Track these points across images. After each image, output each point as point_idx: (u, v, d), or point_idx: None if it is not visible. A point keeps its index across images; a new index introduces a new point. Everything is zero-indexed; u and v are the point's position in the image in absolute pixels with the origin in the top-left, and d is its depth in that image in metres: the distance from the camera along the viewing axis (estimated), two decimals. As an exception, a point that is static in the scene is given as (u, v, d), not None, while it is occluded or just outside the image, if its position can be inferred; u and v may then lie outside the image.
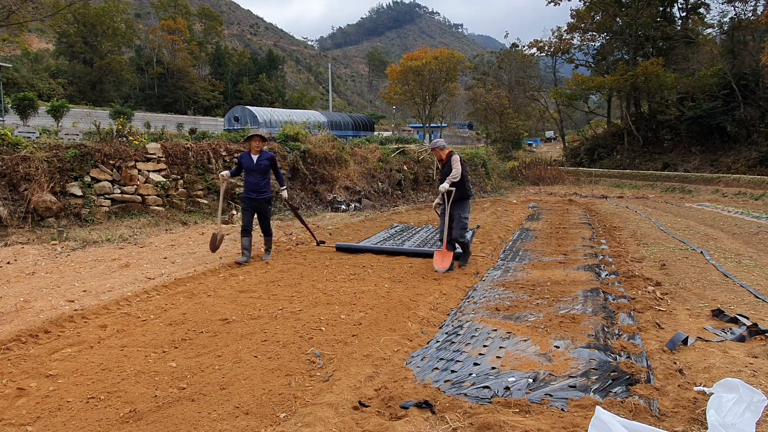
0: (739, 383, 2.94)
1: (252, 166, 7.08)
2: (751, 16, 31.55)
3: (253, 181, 7.08)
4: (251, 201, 7.13)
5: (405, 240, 9.16)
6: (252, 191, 7.11)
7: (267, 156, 7.19)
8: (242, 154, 7.22)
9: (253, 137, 7.12)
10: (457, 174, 6.47)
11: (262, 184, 7.12)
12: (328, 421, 2.80)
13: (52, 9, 36.24)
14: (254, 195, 7.11)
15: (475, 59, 71.73)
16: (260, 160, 7.10)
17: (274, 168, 7.29)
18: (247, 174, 7.13)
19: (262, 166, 7.11)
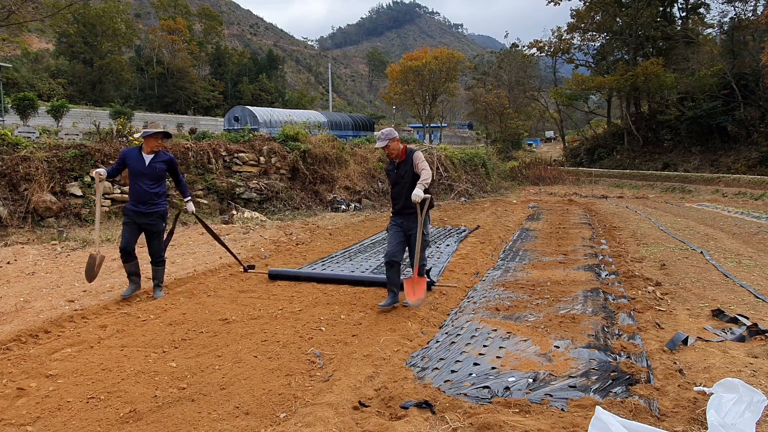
0: (739, 383, 2.94)
1: (141, 168, 5.26)
2: (751, 16, 31.58)
3: (141, 189, 5.25)
4: (137, 215, 5.28)
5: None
6: (139, 202, 5.27)
7: (164, 157, 5.40)
8: (127, 151, 5.43)
9: (154, 135, 5.33)
10: (429, 176, 4.87)
11: (153, 193, 5.29)
12: (328, 421, 2.80)
13: (52, 9, 36.23)
14: (142, 208, 5.26)
15: (475, 59, 71.71)
16: (154, 162, 5.30)
17: (174, 173, 5.54)
18: (135, 179, 5.28)
19: (156, 170, 5.30)
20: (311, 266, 6.97)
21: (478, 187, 19.99)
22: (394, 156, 5.02)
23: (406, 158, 4.99)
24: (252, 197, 12.58)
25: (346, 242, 8.99)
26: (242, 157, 13.09)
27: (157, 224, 5.39)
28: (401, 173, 5.00)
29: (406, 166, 4.98)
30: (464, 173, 19.93)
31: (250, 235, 9.43)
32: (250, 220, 11.09)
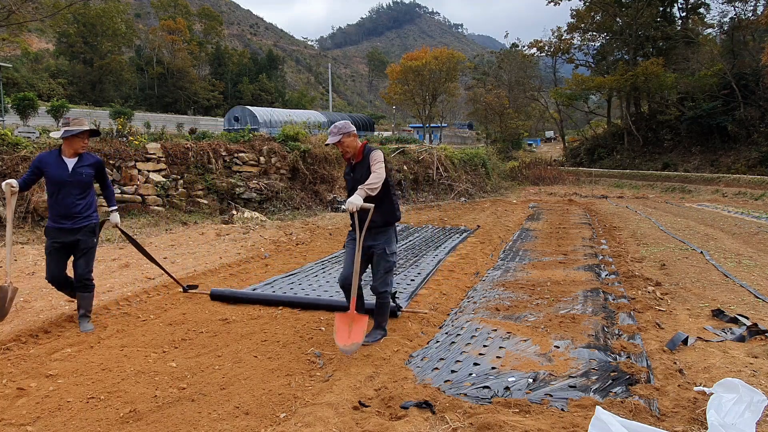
0: (739, 383, 2.94)
1: (64, 176, 4.29)
2: (751, 16, 31.58)
3: (65, 201, 4.29)
4: (62, 233, 4.32)
5: (405, 240, 9.16)
6: (63, 217, 4.31)
7: (91, 160, 4.49)
8: (43, 156, 4.44)
9: (79, 134, 4.36)
10: (377, 180, 3.84)
11: (81, 205, 4.36)
12: (328, 421, 2.80)
13: (52, 9, 36.23)
14: (68, 224, 4.31)
15: (475, 59, 71.73)
16: (80, 167, 4.36)
17: (102, 179, 4.68)
18: (56, 189, 4.29)
19: (82, 177, 4.36)
20: (312, 265, 6.97)
21: (478, 187, 19.99)
22: (350, 155, 4.09)
23: (363, 159, 4.04)
24: (252, 197, 12.58)
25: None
26: (242, 157, 13.09)
27: (86, 240, 4.39)
28: (357, 177, 4.02)
29: (362, 169, 4.01)
30: (464, 173, 19.93)
31: (250, 235, 9.43)
32: (250, 220, 11.09)
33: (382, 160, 3.96)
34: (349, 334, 3.62)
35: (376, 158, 3.96)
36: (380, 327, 4.17)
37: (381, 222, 4.03)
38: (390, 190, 4.09)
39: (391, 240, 4.12)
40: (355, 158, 4.11)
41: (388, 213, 4.06)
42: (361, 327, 3.66)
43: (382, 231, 4.07)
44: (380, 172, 3.87)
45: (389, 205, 4.07)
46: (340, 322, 3.69)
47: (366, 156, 4.04)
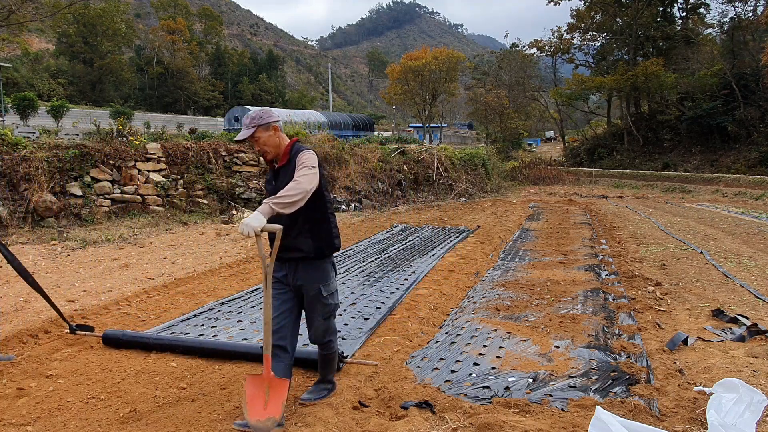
0: (739, 383, 2.94)
1: None
2: (751, 16, 31.58)
3: None
4: None
5: (405, 240, 9.16)
6: None
7: None
8: None
9: None
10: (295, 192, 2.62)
11: None
12: (328, 421, 2.80)
13: (52, 9, 36.24)
14: None
15: (475, 59, 71.74)
16: None
17: None
18: None
19: None
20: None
21: (478, 187, 19.99)
22: (271, 156, 2.92)
23: (289, 162, 2.88)
24: (252, 197, 12.58)
25: (346, 242, 8.99)
26: (242, 157, 13.10)
27: None
28: (279, 186, 2.81)
29: (287, 176, 2.83)
30: (464, 173, 19.93)
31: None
32: (250, 220, 11.08)
33: (313, 164, 2.77)
34: (263, 404, 2.66)
35: (304, 161, 2.76)
36: (326, 380, 3.19)
37: (313, 252, 2.88)
38: (327, 208, 2.94)
39: (329, 276, 3.00)
40: (278, 161, 2.94)
41: (323, 239, 2.90)
42: (281, 395, 2.65)
43: (314, 265, 2.91)
44: (304, 180, 2.64)
45: (326, 229, 2.92)
46: (253, 387, 2.69)
47: (293, 157, 2.87)
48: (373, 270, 6.77)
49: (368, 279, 6.26)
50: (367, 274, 6.55)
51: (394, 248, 8.34)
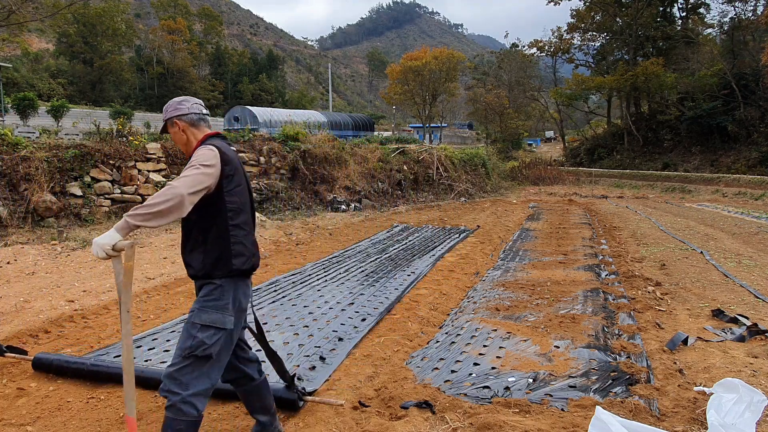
0: (739, 383, 2.94)
1: None
2: (751, 16, 31.56)
3: None
4: None
5: (405, 240, 9.16)
6: None
7: None
8: None
9: None
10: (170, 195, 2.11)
11: None
12: (328, 421, 2.80)
13: (52, 9, 36.23)
14: None
15: (475, 59, 71.70)
16: None
17: None
18: None
19: None
20: (313, 265, 6.96)
21: (478, 187, 19.99)
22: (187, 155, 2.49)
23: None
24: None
25: (346, 242, 8.99)
26: (242, 157, 13.09)
27: None
28: None
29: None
30: (464, 173, 19.93)
31: (250, 235, 9.43)
32: (250, 220, 11.09)
33: (204, 162, 2.27)
34: None
35: (194, 159, 2.30)
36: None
37: (201, 270, 2.37)
38: (227, 218, 2.35)
39: (210, 303, 2.33)
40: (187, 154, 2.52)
41: (215, 257, 2.35)
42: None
43: (204, 287, 2.40)
44: (181, 183, 2.16)
45: (221, 245, 2.35)
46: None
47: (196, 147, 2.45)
48: (372, 270, 6.77)
49: (368, 279, 6.26)
50: (366, 274, 6.55)
51: (394, 248, 8.34)
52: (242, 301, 2.44)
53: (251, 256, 2.44)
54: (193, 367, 2.25)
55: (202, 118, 2.49)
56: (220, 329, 2.31)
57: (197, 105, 2.50)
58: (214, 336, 2.29)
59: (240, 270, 2.39)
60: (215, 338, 2.29)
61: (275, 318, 4.72)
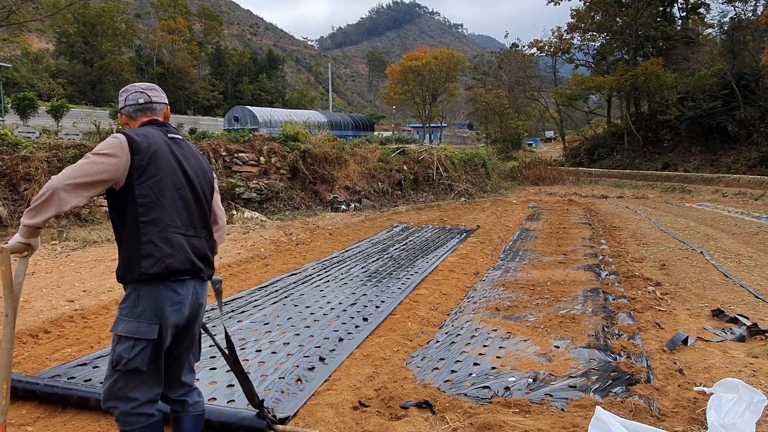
0: (739, 383, 2.94)
1: None
2: (751, 16, 31.57)
3: None
4: None
5: (405, 240, 9.16)
6: None
7: None
8: None
9: None
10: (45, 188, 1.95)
11: None
12: (328, 421, 2.80)
13: (52, 9, 36.24)
14: None
15: (475, 59, 71.69)
16: None
17: None
18: None
19: None
20: (312, 265, 6.96)
21: (478, 187, 19.99)
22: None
23: None
24: (252, 197, 12.58)
25: (346, 242, 9.00)
26: (242, 157, 13.10)
27: None
28: None
29: None
30: (464, 173, 19.94)
31: (250, 235, 9.44)
32: (250, 220, 11.09)
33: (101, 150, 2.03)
34: None
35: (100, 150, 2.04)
36: None
37: (118, 274, 2.17)
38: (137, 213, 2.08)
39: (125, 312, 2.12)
40: None
41: (126, 257, 2.12)
42: None
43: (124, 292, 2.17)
44: (61, 174, 1.98)
45: (132, 244, 2.11)
46: None
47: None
48: (373, 270, 6.77)
49: (368, 279, 6.26)
50: (367, 274, 6.55)
51: (394, 248, 8.34)
52: (167, 309, 2.09)
53: (165, 257, 2.08)
54: (125, 381, 2.10)
55: (140, 108, 2.28)
56: (142, 340, 2.06)
57: (136, 94, 2.30)
58: (134, 348, 2.06)
59: (148, 274, 2.06)
60: (136, 350, 2.05)
61: (278, 318, 4.72)
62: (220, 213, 2.46)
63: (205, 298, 2.34)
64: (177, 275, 2.12)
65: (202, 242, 2.27)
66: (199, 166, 2.31)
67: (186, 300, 2.17)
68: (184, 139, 2.34)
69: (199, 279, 2.25)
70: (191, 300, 2.21)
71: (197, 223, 2.25)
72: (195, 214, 2.24)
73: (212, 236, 2.37)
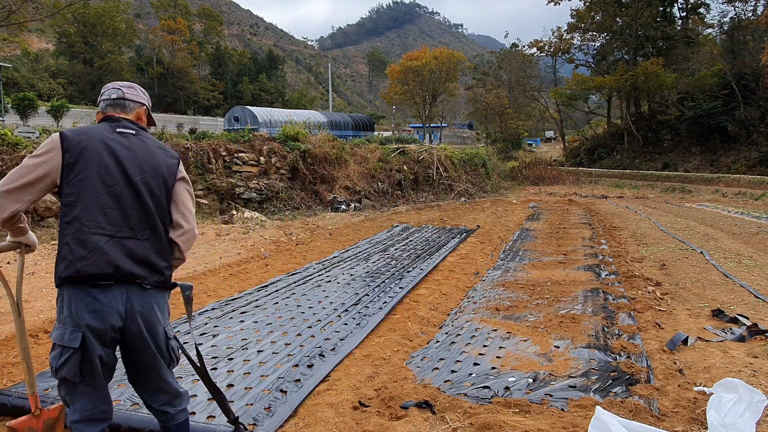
0: (739, 383, 2.94)
1: None
2: (751, 16, 31.59)
3: None
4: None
5: (405, 240, 9.16)
6: None
7: None
8: None
9: None
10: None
11: None
12: (328, 421, 2.80)
13: (52, 9, 36.24)
14: None
15: (475, 59, 71.72)
16: None
17: None
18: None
19: None
20: (313, 265, 6.96)
21: (478, 187, 20.00)
22: None
23: None
24: (252, 197, 12.58)
25: (346, 242, 9.00)
26: (242, 157, 13.09)
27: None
28: None
29: None
30: (464, 173, 19.94)
31: (250, 235, 9.44)
32: (250, 220, 11.09)
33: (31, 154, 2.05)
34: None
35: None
36: None
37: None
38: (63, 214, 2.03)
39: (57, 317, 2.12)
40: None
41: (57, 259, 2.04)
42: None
43: None
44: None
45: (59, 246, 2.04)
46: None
47: None
48: (373, 270, 6.77)
49: (368, 279, 6.26)
50: (367, 274, 6.55)
51: (394, 248, 8.34)
52: (85, 317, 1.95)
53: (77, 260, 1.93)
54: (65, 389, 2.04)
55: (111, 104, 2.20)
56: (67, 348, 1.96)
57: (111, 90, 2.22)
58: (61, 357, 1.97)
59: (61, 278, 1.97)
60: (62, 359, 1.97)
61: (280, 319, 4.72)
62: (185, 214, 2.17)
63: (156, 306, 2.09)
64: (92, 280, 1.95)
65: (143, 245, 2.03)
66: (149, 162, 2.10)
67: (108, 308, 1.97)
68: (139, 134, 2.15)
69: (135, 285, 2.01)
70: (123, 308, 1.99)
71: (136, 224, 2.03)
72: (133, 213, 2.03)
73: (162, 239, 2.09)
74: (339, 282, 6.11)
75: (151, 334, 2.09)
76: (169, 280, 2.14)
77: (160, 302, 2.15)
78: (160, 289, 2.12)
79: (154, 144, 2.19)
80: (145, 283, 2.03)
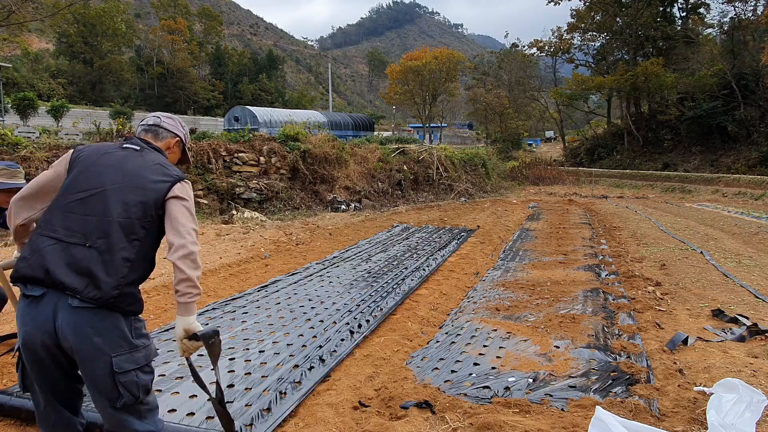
0: (739, 383, 2.94)
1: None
2: (751, 16, 31.57)
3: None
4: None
5: (405, 240, 9.17)
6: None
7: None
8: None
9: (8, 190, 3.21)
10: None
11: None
12: (328, 421, 2.80)
13: (52, 9, 36.24)
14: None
15: (475, 59, 71.65)
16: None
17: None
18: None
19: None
20: (313, 265, 6.97)
21: (478, 187, 19.99)
22: None
23: None
24: (252, 197, 12.58)
25: (346, 242, 9.00)
26: (242, 157, 13.09)
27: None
28: None
29: None
30: (464, 173, 19.93)
31: (250, 235, 9.44)
32: (250, 220, 11.09)
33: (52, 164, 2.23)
34: None
35: None
36: None
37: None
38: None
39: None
40: None
41: None
42: None
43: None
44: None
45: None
46: None
47: None
48: (373, 270, 6.77)
49: (368, 279, 6.26)
50: (367, 274, 6.55)
51: (394, 248, 8.34)
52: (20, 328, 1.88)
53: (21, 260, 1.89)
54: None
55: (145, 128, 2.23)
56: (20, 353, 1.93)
57: (150, 117, 2.29)
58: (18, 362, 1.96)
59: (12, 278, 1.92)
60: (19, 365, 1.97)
61: (282, 319, 4.72)
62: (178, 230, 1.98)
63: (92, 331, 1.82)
64: (25, 282, 1.85)
65: (89, 253, 1.84)
66: (136, 174, 1.99)
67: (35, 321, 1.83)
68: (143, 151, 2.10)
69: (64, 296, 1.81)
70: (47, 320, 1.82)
71: (91, 230, 1.87)
72: (92, 219, 1.88)
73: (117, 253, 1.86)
74: (339, 282, 6.11)
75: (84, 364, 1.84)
76: (114, 300, 1.83)
77: (101, 326, 1.83)
78: (100, 309, 1.82)
79: (155, 162, 2.07)
80: (76, 296, 1.80)
